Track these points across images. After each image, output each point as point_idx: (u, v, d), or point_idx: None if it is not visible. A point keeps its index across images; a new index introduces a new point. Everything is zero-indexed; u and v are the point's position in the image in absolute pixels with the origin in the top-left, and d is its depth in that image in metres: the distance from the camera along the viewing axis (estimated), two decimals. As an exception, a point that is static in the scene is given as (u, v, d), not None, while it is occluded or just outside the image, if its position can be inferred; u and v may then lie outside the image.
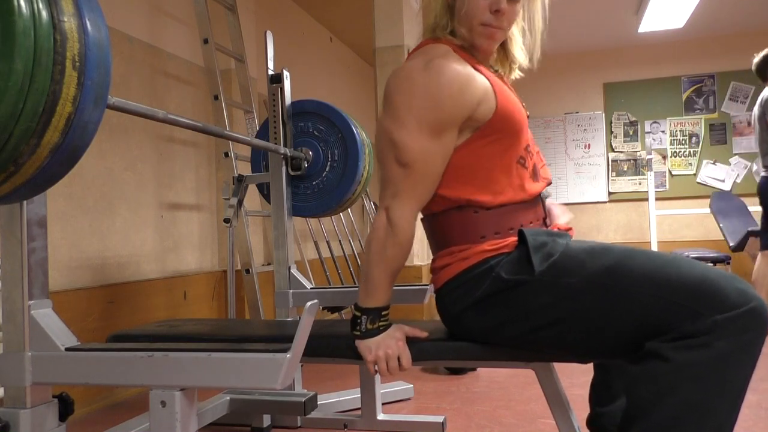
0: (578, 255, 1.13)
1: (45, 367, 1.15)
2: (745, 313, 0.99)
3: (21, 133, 0.88)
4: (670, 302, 1.03)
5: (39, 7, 0.86)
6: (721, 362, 0.98)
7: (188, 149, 3.16)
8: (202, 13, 3.04)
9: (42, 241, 1.21)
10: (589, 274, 1.10)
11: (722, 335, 0.98)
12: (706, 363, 0.98)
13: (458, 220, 1.24)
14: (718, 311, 0.99)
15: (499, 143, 1.22)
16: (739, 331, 0.98)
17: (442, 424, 1.97)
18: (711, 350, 0.98)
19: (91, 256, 2.51)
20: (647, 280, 1.05)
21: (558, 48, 6.03)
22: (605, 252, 1.12)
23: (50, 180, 1.00)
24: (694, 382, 0.98)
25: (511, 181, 1.23)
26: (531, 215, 1.26)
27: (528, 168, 1.27)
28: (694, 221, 5.86)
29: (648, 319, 1.04)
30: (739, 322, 0.98)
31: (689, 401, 0.97)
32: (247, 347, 1.08)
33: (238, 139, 1.90)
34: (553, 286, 1.12)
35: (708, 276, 1.03)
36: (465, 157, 1.22)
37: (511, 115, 1.22)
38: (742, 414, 2.11)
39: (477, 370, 2.80)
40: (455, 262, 1.23)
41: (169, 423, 1.06)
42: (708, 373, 0.98)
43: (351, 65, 5.88)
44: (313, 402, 1.82)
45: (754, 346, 0.99)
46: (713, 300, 1.00)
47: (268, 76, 2.23)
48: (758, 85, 5.78)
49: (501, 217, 1.22)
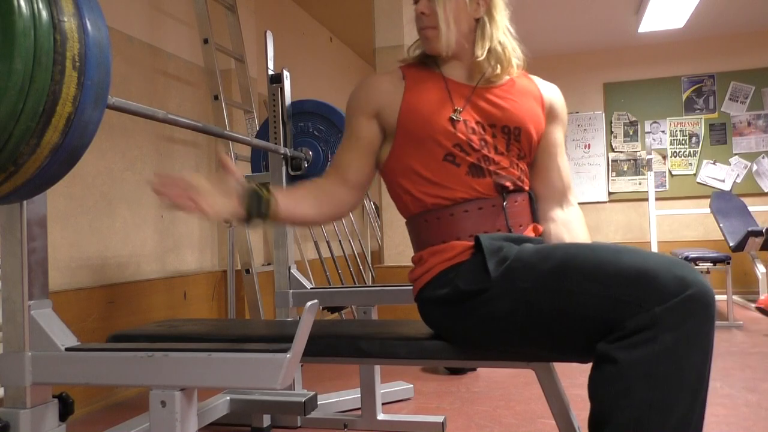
0: (529, 258, 1.13)
1: (45, 367, 1.15)
2: (684, 300, 0.96)
3: (21, 133, 0.88)
4: (611, 298, 1.01)
5: (39, 7, 0.86)
6: (669, 355, 0.95)
7: (188, 149, 3.16)
8: (202, 13, 3.04)
9: (42, 241, 1.21)
10: (538, 277, 1.10)
11: (665, 327, 0.95)
12: (654, 359, 0.95)
13: (413, 229, 1.35)
14: (657, 303, 0.96)
15: (415, 145, 1.29)
16: (680, 321, 0.96)
17: (442, 424, 1.97)
18: (656, 345, 0.95)
19: (91, 256, 2.51)
20: (588, 278, 1.04)
21: (558, 48, 6.03)
22: (551, 253, 1.12)
23: (50, 180, 1.00)
24: (646, 380, 0.95)
25: (443, 180, 1.27)
26: (483, 218, 1.26)
27: (461, 165, 1.27)
28: (694, 221, 5.86)
29: (595, 317, 1.03)
30: (679, 312, 0.96)
31: (646, 400, 0.95)
32: (247, 347, 1.08)
33: (239, 139, 1.90)
34: (510, 292, 1.13)
35: (647, 267, 1.00)
36: (400, 150, 1.32)
37: (415, 115, 1.29)
38: (741, 414, 2.11)
39: (477, 370, 2.80)
40: (422, 274, 1.28)
41: (169, 423, 1.05)
42: (658, 368, 0.95)
43: (351, 65, 5.88)
44: (313, 402, 1.82)
45: (700, 333, 0.96)
46: (651, 291, 0.98)
47: (268, 76, 2.23)
48: (758, 85, 5.78)
49: (449, 224, 1.26)
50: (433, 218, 1.28)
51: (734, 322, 3.96)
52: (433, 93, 1.31)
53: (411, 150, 1.30)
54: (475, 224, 1.26)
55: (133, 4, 2.83)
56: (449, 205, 1.27)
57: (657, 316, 0.96)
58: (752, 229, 4.08)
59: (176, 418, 1.05)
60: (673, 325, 0.96)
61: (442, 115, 1.28)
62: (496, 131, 1.30)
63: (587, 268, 1.05)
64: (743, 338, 3.53)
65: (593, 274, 1.04)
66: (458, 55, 1.34)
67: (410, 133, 1.30)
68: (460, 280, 1.19)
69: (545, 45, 5.92)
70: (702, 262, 4.06)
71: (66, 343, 1.17)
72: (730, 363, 2.89)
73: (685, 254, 4.19)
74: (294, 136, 2.28)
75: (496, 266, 1.15)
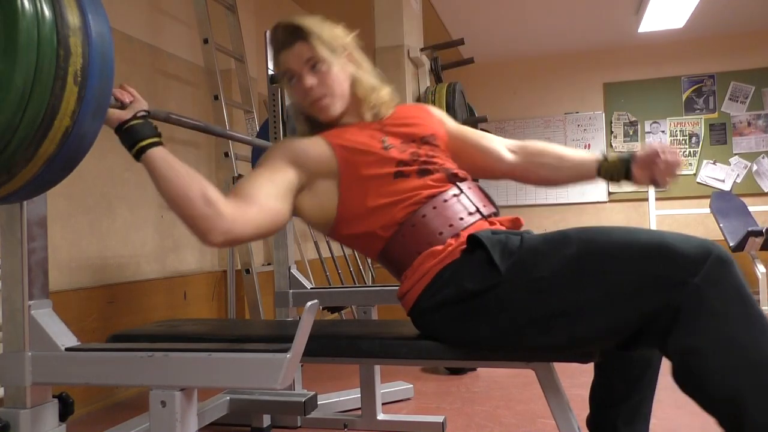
0: (538, 247, 1.15)
1: (45, 367, 1.15)
2: (712, 265, 1.01)
3: (18, 143, 0.88)
4: (646, 275, 1.04)
5: (44, 21, 0.86)
6: (727, 315, 1.00)
7: (188, 149, 3.16)
8: (202, 13, 3.04)
9: (42, 241, 1.21)
10: (557, 265, 1.10)
11: (709, 296, 1.00)
12: (720, 326, 0.99)
13: (390, 256, 1.32)
14: (692, 274, 1.01)
15: (363, 183, 1.32)
16: (719, 283, 1.01)
17: (442, 424, 1.97)
18: (712, 312, 1.00)
19: (91, 256, 2.51)
20: (618, 258, 1.06)
21: (558, 48, 6.03)
22: (564, 240, 1.13)
23: (45, 186, 1.00)
24: (730, 343, 0.99)
25: (403, 193, 1.30)
26: (452, 208, 1.30)
27: (411, 174, 1.32)
28: (694, 221, 5.86)
29: (634, 295, 1.05)
30: (714, 276, 1.01)
31: (743, 356, 0.99)
32: (247, 347, 1.08)
33: (241, 139, 1.90)
34: (524, 283, 1.13)
35: (665, 242, 1.04)
36: (351, 201, 1.32)
37: (353, 154, 1.33)
38: (742, 414, 2.11)
39: (477, 370, 2.80)
40: (415, 282, 1.26)
41: (169, 423, 1.06)
42: (728, 330, 0.99)
43: (351, 65, 5.87)
44: (313, 402, 1.82)
45: (738, 286, 1.01)
46: (682, 264, 1.02)
47: (268, 76, 2.23)
48: (758, 85, 5.78)
49: (425, 225, 1.27)
50: (408, 228, 1.28)
51: (734, 322, 3.95)
52: (356, 134, 1.37)
53: (360, 190, 1.32)
54: (450, 215, 1.28)
55: (133, 4, 2.83)
56: (417, 209, 1.29)
57: (698, 287, 1.00)
58: (752, 229, 4.08)
59: (176, 418, 1.05)
60: (714, 290, 1.00)
61: (376, 147, 1.35)
62: (418, 143, 1.39)
63: (612, 250, 1.07)
64: (743, 338, 3.53)
65: (621, 255, 1.06)
66: (348, 109, 1.43)
67: (355, 172, 1.32)
68: (466, 280, 1.17)
69: (545, 45, 5.92)
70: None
71: (66, 343, 1.17)
72: (730, 363, 2.89)
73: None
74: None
75: (502, 259, 1.15)
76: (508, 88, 6.40)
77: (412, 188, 1.31)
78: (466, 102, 3.72)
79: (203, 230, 1.17)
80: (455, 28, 5.28)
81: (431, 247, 1.26)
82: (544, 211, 6.26)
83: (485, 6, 4.84)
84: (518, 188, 6.32)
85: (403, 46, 3.31)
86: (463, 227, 1.27)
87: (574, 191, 6.18)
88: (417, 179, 1.32)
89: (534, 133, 6.30)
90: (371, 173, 1.32)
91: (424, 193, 1.30)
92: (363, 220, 1.32)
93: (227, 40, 3.31)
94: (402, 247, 1.30)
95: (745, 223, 4.55)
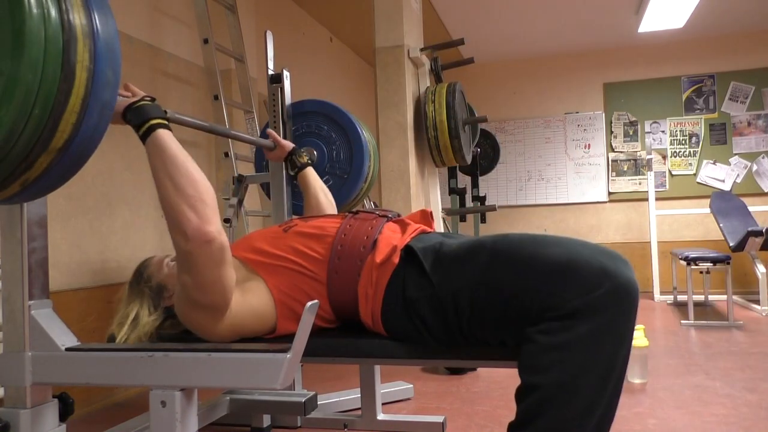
0: (457, 254, 1.18)
1: (45, 367, 1.15)
2: (603, 293, 1.02)
3: (26, 141, 0.89)
4: (538, 291, 1.06)
5: (51, 21, 0.87)
6: (581, 344, 1.01)
7: (188, 149, 3.13)
8: (202, 13, 3.04)
9: (42, 241, 1.21)
10: (470, 274, 1.14)
11: (582, 319, 1.02)
12: (567, 346, 1.02)
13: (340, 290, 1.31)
14: (577, 295, 1.02)
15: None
16: (597, 313, 1.01)
17: (442, 424, 1.97)
18: (571, 333, 1.02)
19: (91, 256, 2.51)
20: (517, 273, 1.09)
21: (558, 48, 6.03)
22: (477, 248, 1.16)
23: (50, 187, 1.00)
24: (558, 363, 1.02)
25: (289, 246, 1.32)
26: (360, 225, 1.34)
27: (292, 224, 1.39)
28: (694, 221, 5.86)
29: (522, 309, 1.08)
30: (597, 305, 1.02)
31: (556, 381, 1.01)
32: (247, 347, 1.08)
33: (246, 139, 1.90)
34: (449, 291, 1.16)
35: (570, 259, 1.06)
36: (282, 289, 1.31)
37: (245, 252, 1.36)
38: (741, 414, 2.11)
39: (477, 370, 2.80)
40: (374, 294, 1.26)
41: (169, 423, 1.06)
42: (569, 355, 1.01)
43: (351, 65, 5.88)
44: (313, 402, 1.82)
45: (616, 324, 1.02)
46: (573, 284, 1.03)
47: (268, 76, 2.23)
48: (758, 85, 5.78)
49: (351, 248, 1.29)
50: (334, 263, 1.29)
51: (734, 322, 3.96)
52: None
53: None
54: (360, 231, 1.31)
55: (133, 4, 2.83)
56: (331, 241, 1.31)
57: (576, 309, 1.02)
58: (752, 229, 4.08)
59: (176, 418, 1.05)
60: (589, 317, 1.02)
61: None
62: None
63: (515, 264, 1.11)
64: (743, 338, 3.53)
65: (521, 269, 1.10)
66: None
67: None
68: (408, 290, 1.21)
69: (546, 45, 5.92)
70: (702, 262, 4.06)
71: (66, 343, 1.17)
72: (730, 363, 2.89)
73: (685, 254, 4.19)
74: (299, 136, 2.28)
75: (432, 269, 1.19)
76: (508, 88, 6.40)
77: (320, 230, 1.37)
78: (466, 102, 3.72)
79: (202, 216, 1.13)
80: (455, 28, 5.28)
81: (369, 257, 1.27)
82: (544, 211, 6.26)
83: (485, 6, 4.84)
84: (518, 189, 6.32)
85: (403, 46, 3.30)
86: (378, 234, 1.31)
87: (574, 191, 6.18)
88: (296, 226, 1.40)
89: (534, 133, 6.30)
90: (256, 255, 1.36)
91: (331, 230, 1.35)
92: (295, 285, 1.32)
93: (227, 40, 3.31)
94: (338, 281, 1.29)
95: (745, 223, 4.55)
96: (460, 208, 4.31)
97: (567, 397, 1.01)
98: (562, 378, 1.01)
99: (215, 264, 1.15)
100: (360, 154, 2.23)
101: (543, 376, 1.03)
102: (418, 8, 3.71)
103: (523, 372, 1.07)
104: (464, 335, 1.19)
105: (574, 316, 1.02)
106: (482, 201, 4.69)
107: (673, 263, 5.05)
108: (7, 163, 0.90)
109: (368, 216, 1.37)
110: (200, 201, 1.14)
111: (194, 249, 1.13)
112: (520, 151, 6.34)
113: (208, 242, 1.13)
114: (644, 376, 2.59)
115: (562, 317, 1.03)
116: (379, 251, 1.27)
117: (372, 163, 2.34)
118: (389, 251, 1.26)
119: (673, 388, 2.48)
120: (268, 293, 1.29)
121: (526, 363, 1.07)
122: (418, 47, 3.47)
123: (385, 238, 1.30)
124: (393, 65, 3.32)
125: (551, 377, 1.02)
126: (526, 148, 6.33)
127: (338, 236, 1.31)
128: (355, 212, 1.41)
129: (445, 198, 4.20)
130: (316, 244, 1.32)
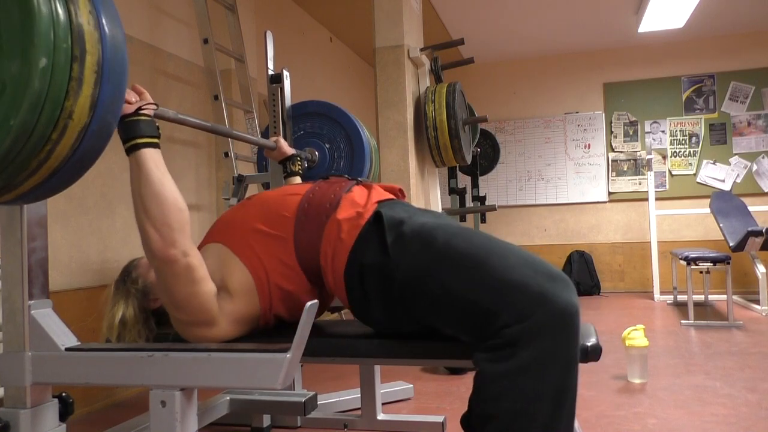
0: (413, 238, 1.17)
1: (45, 367, 1.15)
2: (540, 319, 1.00)
3: (35, 142, 0.89)
4: (475, 303, 1.05)
5: (60, 23, 0.87)
6: (526, 371, 1.00)
7: (188, 149, 3.16)
8: (202, 13, 3.04)
9: (42, 241, 1.22)
10: (419, 261, 1.14)
11: (522, 345, 1.00)
12: (513, 373, 1.00)
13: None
14: (516, 320, 1.01)
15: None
16: (537, 339, 1.00)
17: (442, 424, 1.97)
18: (514, 361, 1.00)
19: (91, 256, 2.51)
20: (459, 278, 1.09)
21: (558, 48, 6.03)
22: (431, 239, 1.15)
23: (58, 188, 1.01)
24: (508, 392, 1.00)
25: (256, 213, 1.33)
26: (327, 187, 1.34)
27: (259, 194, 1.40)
28: (694, 221, 5.86)
29: (460, 318, 1.08)
30: (535, 331, 1.00)
31: (510, 410, 1.00)
32: (247, 347, 1.08)
33: (247, 138, 1.90)
34: (401, 265, 1.15)
35: (511, 278, 1.04)
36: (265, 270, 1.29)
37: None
38: (741, 414, 2.11)
39: (477, 370, 2.80)
40: (343, 252, 1.24)
41: (169, 423, 1.06)
42: (517, 382, 1.00)
43: (351, 65, 5.87)
44: (313, 402, 1.82)
45: (557, 348, 1.00)
46: (511, 307, 1.02)
47: (268, 76, 2.23)
48: (758, 85, 5.78)
49: (318, 206, 1.29)
50: (301, 221, 1.28)
51: (734, 322, 3.96)
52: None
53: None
54: (328, 191, 1.31)
55: (133, 4, 2.83)
56: (300, 199, 1.31)
57: (515, 335, 1.01)
58: (752, 229, 4.08)
59: (176, 418, 1.05)
60: (529, 343, 1.00)
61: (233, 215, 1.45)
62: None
63: (460, 270, 1.10)
64: (743, 338, 3.53)
65: (464, 278, 1.09)
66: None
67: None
68: (366, 256, 1.20)
69: (546, 45, 5.91)
70: (702, 262, 4.06)
71: (66, 343, 1.17)
72: (730, 363, 2.89)
73: (685, 254, 4.19)
74: (300, 137, 2.28)
75: (393, 243, 1.18)
76: (508, 88, 6.40)
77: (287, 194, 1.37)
78: (466, 102, 3.72)
79: (166, 238, 1.15)
80: (455, 28, 5.28)
81: (333, 214, 1.27)
82: (544, 211, 6.26)
83: (485, 6, 4.84)
84: (518, 189, 6.32)
85: (403, 46, 3.30)
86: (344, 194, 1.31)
87: (574, 191, 6.18)
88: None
89: (534, 133, 6.30)
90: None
91: (299, 189, 1.36)
92: (272, 259, 1.31)
93: (227, 40, 3.31)
94: (305, 240, 1.28)
95: (745, 223, 4.55)
96: (460, 208, 4.31)
97: (526, 424, 1.00)
98: (515, 406, 1.00)
99: (184, 283, 1.18)
100: (361, 155, 2.23)
101: (494, 405, 1.02)
102: (418, 8, 3.71)
103: (474, 400, 1.06)
104: (408, 318, 1.19)
105: (516, 344, 1.01)
106: (482, 201, 4.69)
107: (673, 263, 5.05)
108: (13, 169, 0.90)
109: (338, 179, 1.38)
110: (165, 224, 1.16)
111: (160, 266, 1.18)
112: (520, 151, 6.34)
113: (170, 263, 1.16)
114: (644, 376, 2.59)
115: (503, 345, 1.02)
116: (342, 209, 1.26)
117: (372, 164, 2.34)
118: (354, 213, 1.25)
119: (673, 388, 2.48)
120: (244, 269, 1.28)
121: (476, 392, 1.05)
122: (418, 47, 3.47)
123: (349, 197, 1.30)
124: (393, 65, 3.32)
125: (503, 407, 1.01)
126: (526, 148, 6.33)
127: (306, 196, 1.32)
128: (325, 177, 1.42)
129: (445, 198, 4.20)
130: (284, 207, 1.32)
